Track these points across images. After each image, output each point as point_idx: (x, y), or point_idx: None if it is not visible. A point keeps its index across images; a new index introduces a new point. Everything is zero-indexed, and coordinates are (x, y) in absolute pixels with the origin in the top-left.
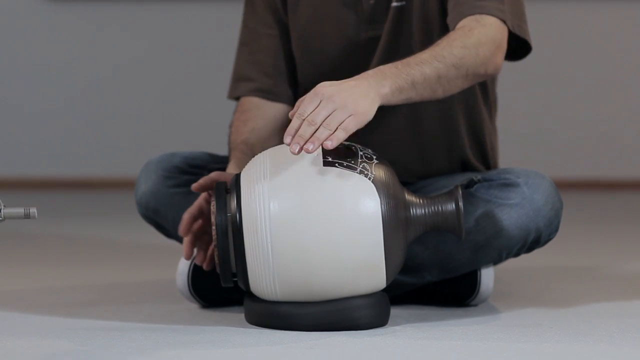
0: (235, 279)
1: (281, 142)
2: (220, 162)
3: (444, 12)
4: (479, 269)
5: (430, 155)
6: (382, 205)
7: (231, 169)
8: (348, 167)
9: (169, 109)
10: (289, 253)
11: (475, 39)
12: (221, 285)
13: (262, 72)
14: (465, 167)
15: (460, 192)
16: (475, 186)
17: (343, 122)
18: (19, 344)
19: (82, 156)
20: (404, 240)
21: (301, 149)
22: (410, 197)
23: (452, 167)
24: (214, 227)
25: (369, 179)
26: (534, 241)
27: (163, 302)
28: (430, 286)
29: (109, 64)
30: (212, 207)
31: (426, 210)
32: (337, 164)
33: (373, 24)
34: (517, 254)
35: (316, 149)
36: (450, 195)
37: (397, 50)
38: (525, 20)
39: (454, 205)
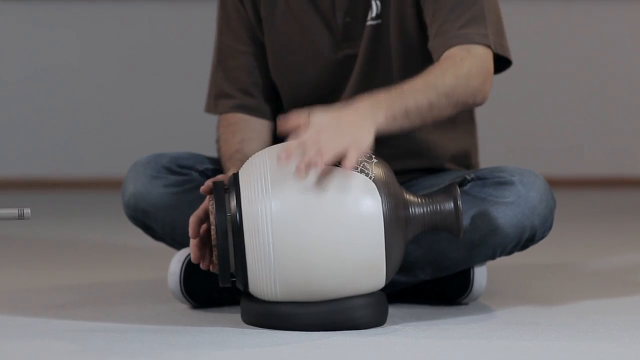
0: (234, 279)
1: None
2: (208, 162)
3: (422, 29)
4: (472, 268)
5: (402, 158)
6: (383, 205)
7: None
8: None
9: (137, 107)
10: (291, 253)
11: (466, 69)
12: (212, 286)
13: (241, 90)
14: (442, 169)
15: (459, 190)
16: (468, 184)
17: (346, 153)
18: (16, 346)
19: (54, 155)
20: (403, 240)
21: (308, 166)
22: (409, 196)
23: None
24: (213, 227)
25: (370, 178)
26: (528, 239)
27: (150, 303)
28: (422, 284)
29: (70, 61)
30: (210, 207)
31: (425, 210)
32: (338, 163)
33: (348, 42)
34: (510, 252)
35: (325, 162)
36: (449, 194)
37: (374, 69)
38: (504, 35)
39: (452, 205)
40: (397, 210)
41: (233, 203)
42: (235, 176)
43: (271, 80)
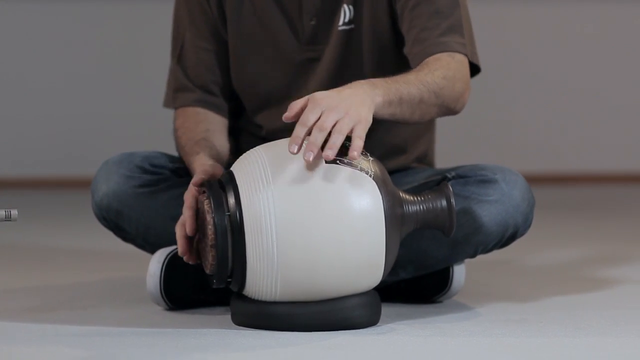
0: (229, 280)
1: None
2: (179, 162)
3: (395, 32)
4: (452, 266)
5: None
6: (384, 203)
7: (205, 160)
8: (349, 165)
9: (98, 106)
10: (295, 252)
11: (452, 73)
12: (190, 287)
13: (201, 87)
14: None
15: (451, 189)
16: (449, 183)
17: (352, 129)
18: (9, 351)
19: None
20: (399, 238)
21: (316, 156)
22: (403, 194)
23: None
24: (210, 227)
25: (370, 176)
26: (510, 237)
27: (124, 305)
28: (399, 282)
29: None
30: (206, 207)
31: (418, 208)
32: (337, 161)
33: (313, 45)
34: (490, 250)
35: (334, 155)
36: (441, 192)
37: (346, 72)
38: (475, 44)
39: (445, 203)
40: (395, 208)
41: (232, 201)
42: (231, 174)
43: (231, 79)
